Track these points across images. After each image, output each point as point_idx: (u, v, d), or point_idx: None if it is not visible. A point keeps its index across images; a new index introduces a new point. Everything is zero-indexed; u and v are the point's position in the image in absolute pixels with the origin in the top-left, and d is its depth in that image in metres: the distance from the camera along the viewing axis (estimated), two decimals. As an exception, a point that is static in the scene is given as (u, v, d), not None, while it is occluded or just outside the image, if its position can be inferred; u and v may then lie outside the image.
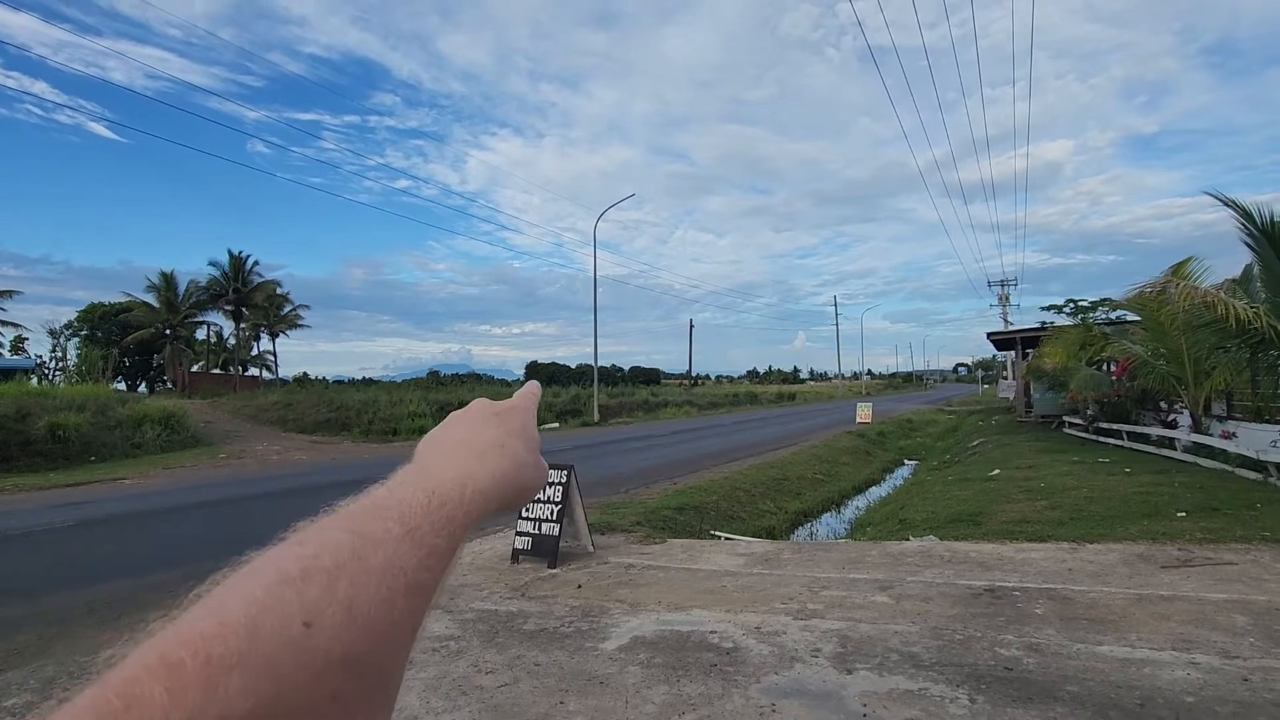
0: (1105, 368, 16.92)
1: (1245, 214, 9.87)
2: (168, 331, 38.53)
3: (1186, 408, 11.67)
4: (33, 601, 5.43)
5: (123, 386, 40.27)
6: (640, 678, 3.61)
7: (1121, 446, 12.90)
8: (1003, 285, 48.07)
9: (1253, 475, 8.43)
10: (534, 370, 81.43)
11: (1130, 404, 13.91)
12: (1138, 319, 13.16)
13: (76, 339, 44.85)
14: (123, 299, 41.62)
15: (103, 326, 44.10)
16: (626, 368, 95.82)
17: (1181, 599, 4.41)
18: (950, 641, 3.89)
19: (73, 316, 46.15)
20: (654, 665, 3.75)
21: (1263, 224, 9.75)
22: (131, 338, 38.73)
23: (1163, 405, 13.33)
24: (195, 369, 42.66)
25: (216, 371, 45.46)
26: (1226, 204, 10.40)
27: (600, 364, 32.93)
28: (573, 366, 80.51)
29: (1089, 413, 15.28)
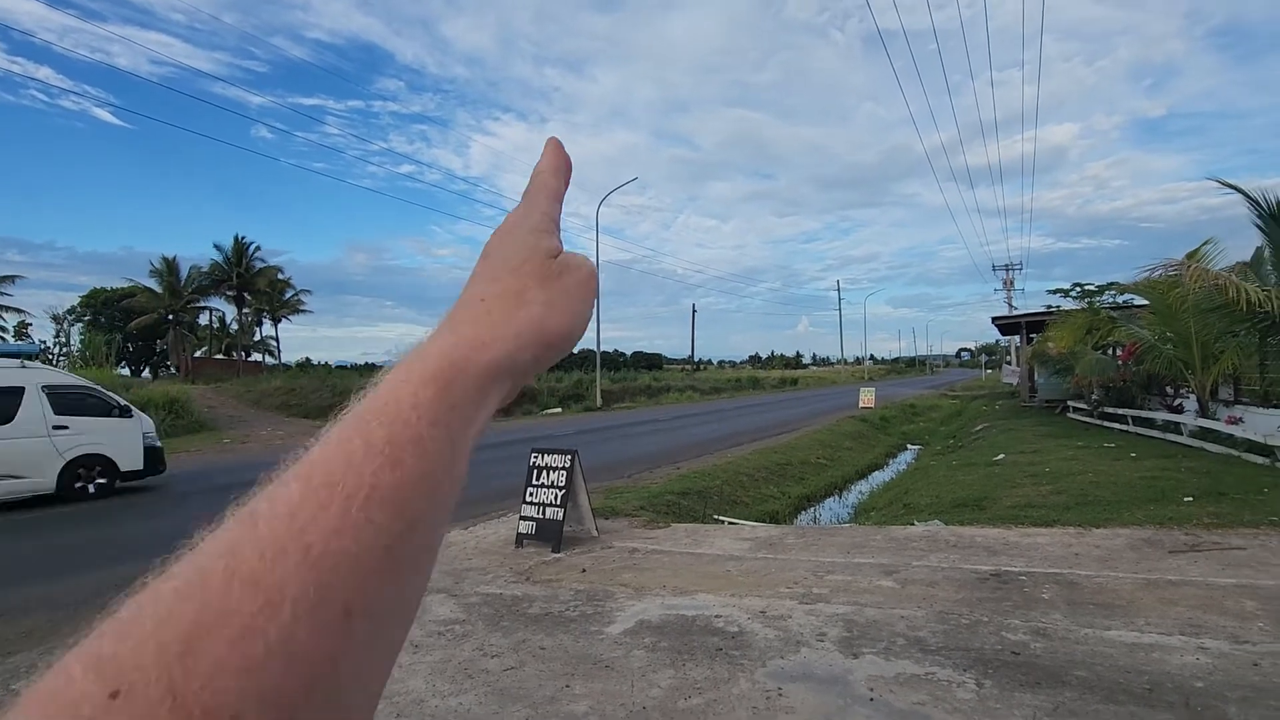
0: (1111, 352, 16.85)
1: (1249, 198, 9.79)
2: (170, 317, 38.56)
3: (1193, 392, 11.62)
4: (41, 587, 5.45)
5: (126, 372, 40.30)
6: (645, 661, 3.60)
7: (1126, 431, 12.87)
8: (1007, 270, 47.86)
9: (1260, 460, 8.39)
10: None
11: (1135, 389, 13.85)
12: (1146, 303, 13.08)
13: (80, 324, 44.89)
14: (125, 284, 41.62)
15: (105, 312, 44.13)
16: (629, 353, 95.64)
17: (1189, 584, 4.39)
18: (957, 626, 3.88)
19: (75, 302, 46.19)
20: (659, 649, 3.75)
21: (1270, 207, 9.66)
22: (135, 323, 38.74)
23: (1168, 390, 13.28)
24: (198, 354, 42.63)
25: (220, 357, 45.43)
26: (1231, 188, 10.32)
27: (602, 349, 32.92)
28: (575, 351, 80.00)
29: (1094, 397, 15.23)
